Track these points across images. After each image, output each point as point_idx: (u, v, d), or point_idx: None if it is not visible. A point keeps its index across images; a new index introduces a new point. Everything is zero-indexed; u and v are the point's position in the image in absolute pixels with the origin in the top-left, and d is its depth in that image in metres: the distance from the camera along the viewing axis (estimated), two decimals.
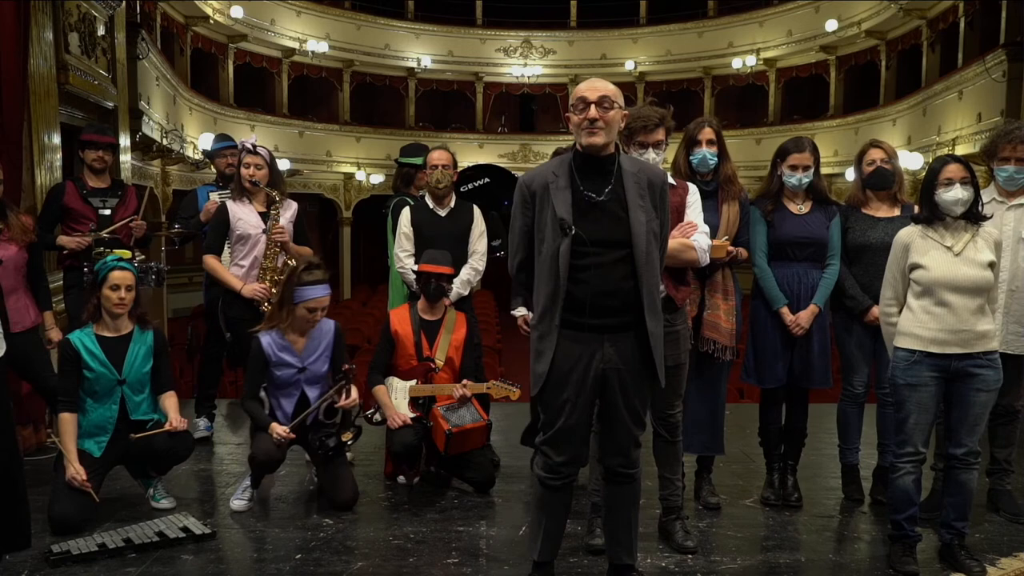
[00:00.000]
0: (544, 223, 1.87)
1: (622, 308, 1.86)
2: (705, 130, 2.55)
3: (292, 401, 2.72)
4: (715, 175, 2.57)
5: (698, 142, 2.54)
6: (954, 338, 2.15)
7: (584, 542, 2.36)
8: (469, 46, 14.77)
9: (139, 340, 2.61)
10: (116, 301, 2.53)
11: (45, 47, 3.83)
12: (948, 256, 2.17)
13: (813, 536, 2.48)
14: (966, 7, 9.49)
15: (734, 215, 2.56)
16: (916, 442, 2.19)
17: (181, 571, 2.21)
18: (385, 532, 2.49)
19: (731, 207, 2.56)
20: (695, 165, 2.55)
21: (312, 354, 2.71)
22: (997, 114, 7.89)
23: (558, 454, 1.93)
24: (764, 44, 13.28)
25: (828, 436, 3.16)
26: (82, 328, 2.59)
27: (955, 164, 2.18)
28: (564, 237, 1.82)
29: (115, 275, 2.53)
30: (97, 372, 2.54)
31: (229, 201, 3.13)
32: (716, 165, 2.56)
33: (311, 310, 2.64)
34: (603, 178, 1.88)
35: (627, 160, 1.94)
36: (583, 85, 1.89)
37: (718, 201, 2.56)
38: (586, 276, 1.84)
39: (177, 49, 11.33)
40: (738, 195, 2.58)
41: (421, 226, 3.03)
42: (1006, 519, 2.59)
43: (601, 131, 1.85)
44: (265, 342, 2.70)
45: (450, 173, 3.05)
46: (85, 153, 3.26)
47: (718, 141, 2.55)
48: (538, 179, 1.90)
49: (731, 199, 2.56)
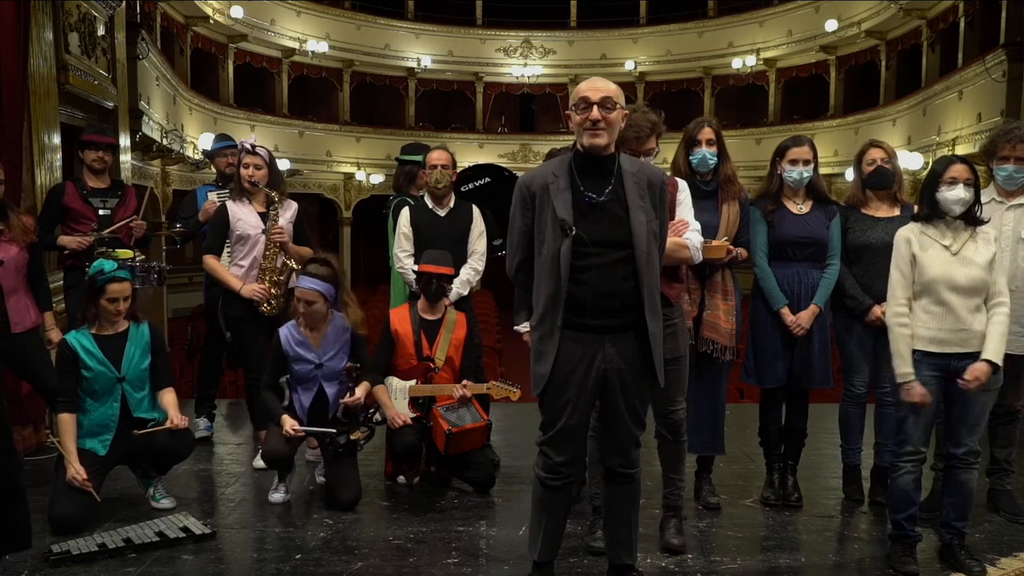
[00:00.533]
0: (544, 224, 1.86)
1: (623, 308, 1.86)
2: (705, 130, 2.54)
3: (310, 395, 2.75)
4: (715, 175, 2.57)
5: (698, 142, 2.54)
6: (953, 337, 2.15)
7: (584, 543, 2.36)
8: (469, 46, 14.77)
9: (135, 336, 2.62)
10: (114, 312, 2.57)
11: (45, 47, 3.83)
12: (946, 255, 2.17)
13: (813, 536, 2.48)
14: (966, 7, 9.49)
15: (734, 215, 2.55)
16: (916, 441, 2.19)
17: (181, 571, 2.21)
18: (385, 532, 2.49)
19: (731, 207, 2.55)
20: (695, 165, 2.55)
21: (329, 351, 2.74)
22: (997, 114, 7.89)
23: (559, 454, 1.93)
24: (764, 44, 13.29)
25: (828, 436, 3.16)
26: (78, 329, 2.60)
27: (961, 164, 2.18)
28: (565, 238, 1.82)
29: (113, 288, 2.54)
30: (96, 371, 2.54)
31: (229, 201, 3.13)
32: (716, 165, 2.56)
33: (299, 300, 2.70)
34: (603, 178, 1.88)
35: (626, 160, 1.94)
36: (584, 85, 1.89)
37: (718, 201, 2.56)
38: (587, 277, 1.83)
39: (177, 49, 11.33)
40: (738, 195, 2.57)
41: (420, 226, 3.03)
42: (1006, 519, 2.59)
43: (604, 132, 1.84)
44: (284, 336, 2.75)
45: (449, 173, 3.05)
46: (85, 153, 3.27)
47: (718, 141, 2.55)
48: (538, 180, 1.90)
49: (731, 199, 2.56)
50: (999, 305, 2.15)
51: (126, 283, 2.58)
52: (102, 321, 2.59)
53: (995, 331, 2.14)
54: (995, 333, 2.14)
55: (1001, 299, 2.16)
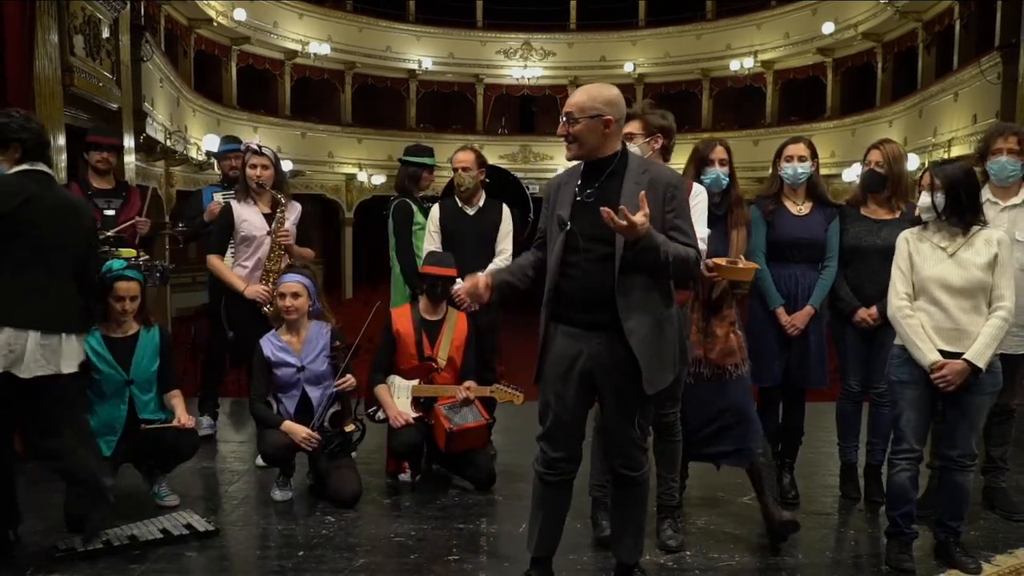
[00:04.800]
0: (552, 221, 1.94)
1: (603, 305, 1.85)
2: (718, 149, 2.46)
3: (294, 402, 2.75)
4: (725, 197, 2.48)
5: (711, 161, 2.45)
6: (945, 336, 2.16)
7: (593, 536, 2.38)
8: (469, 48, 14.81)
9: (145, 340, 2.63)
10: (120, 311, 2.57)
11: (50, 49, 3.87)
12: (941, 256, 2.19)
13: (810, 533, 2.49)
14: (961, 9, 9.53)
15: (742, 242, 2.47)
16: (911, 440, 2.20)
17: (185, 568, 2.23)
18: (387, 529, 2.51)
19: (739, 233, 2.47)
20: (708, 185, 2.43)
21: (310, 354, 2.76)
22: (992, 115, 7.91)
23: (554, 449, 1.96)
24: (762, 46, 13.33)
25: (825, 434, 3.18)
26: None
27: (928, 172, 2.22)
28: (560, 233, 1.88)
29: (120, 286, 2.55)
30: (105, 373, 2.56)
31: (233, 202, 3.15)
32: (728, 186, 2.48)
33: (284, 295, 2.73)
34: (600, 179, 1.90)
35: (636, 161, 1.94)
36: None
37: (727, 226, 2.47)
38: (574, 272, 1.88)
39: (180, 51, 11.37)
40: (746, 221, 2.50)
41: (448, 224, 3.05)
42: (1001, 516, 2.60)
43: (572, 145, 1.88)
44: (266, 346, 2.77)
45: (473, 174, 3.05)
46: (90, 154, 3.29)
47: (729, 161, 2.48)
48: (554, 181, 1.99)
49: (740, 225, 2.48)
50: (998, 310, 2.14)
51: (134, 282, 2.59)
52: (110, 321, 2.60)
53: (986, 332, 2.12)
54: (985, 335, 2.12)
55: (1002, 304, 2.14)
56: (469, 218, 3.07)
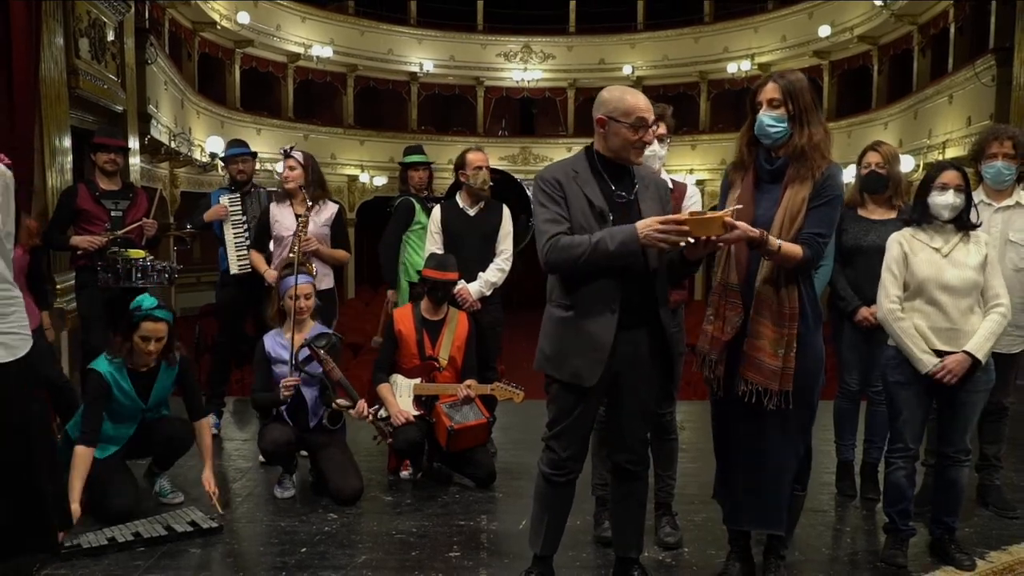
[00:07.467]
0: (575, 212, 1.85)
1: (640, 303, 1.88)
2: (766, 88, 1.89)
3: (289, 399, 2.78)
4: (785, 149, 1.88)
5: (758, 104, 1.91)
6: (943, 335, 2.18)
7: (594, 535, 2.40)
8: (470, 51, 14.85)
9: (165, 374, 2.62)
10: (146, 351, 2.49)
11: (56, 52, 3.91)
12: (936, 257, 2.21)
13: (807, 530, 2.51)
14: (956, 13, 9.55)
15: (797, 204, 1.84)
16: (907, 439, 2.23)
17: (189, 564, 2.25)
18: (388, 526, 2.54)
19: (796, 192, 1.85)
20: (757, 134, 1.92)
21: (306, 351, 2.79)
22: (986, 118, 7.92)
23: (564, 448, 1.95)
24: (759, 49, 13.37)
25: (822, 432, 3.19)
26: (111, 359, 2.51)
27: (952, 171, 2.22)
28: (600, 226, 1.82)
29: (147, 327, 2.45)
30: (124, 403, 2.56)
31: (273, 204, 3.24)
32: (783, 135, 1.87)
33: (297, 297, 2.78)
34: (625, 180, 1.93)
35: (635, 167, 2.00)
36: (637, 99, 1.85)
37: (782, 185, 1.89)
38: None
39: (185, 54, 11.42)
40: (812, 175, 1.85)
41: (450, 225, 3.08)
42: (995, 514, 2.63)
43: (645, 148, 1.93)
44: (268, 342, 2.82)
45: (487, 173, 3.10)
46: (97, 156, 3.33)
47: (790, 101, 1.85)
48: (559, 172, 1.91)
49: (799, 181, 1.85)
50: (997, 307, 2.17)
51: (162, 324, 2.47)
52: (134, 358, 2.52)
53: (985, 327, 2.16)
54: (984, 330, 2.16)
55: (999, 301, 2.18)
56: (470, 219, 3.10)
